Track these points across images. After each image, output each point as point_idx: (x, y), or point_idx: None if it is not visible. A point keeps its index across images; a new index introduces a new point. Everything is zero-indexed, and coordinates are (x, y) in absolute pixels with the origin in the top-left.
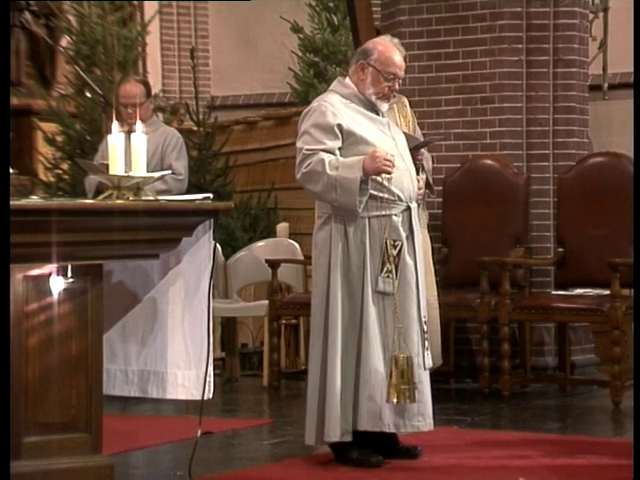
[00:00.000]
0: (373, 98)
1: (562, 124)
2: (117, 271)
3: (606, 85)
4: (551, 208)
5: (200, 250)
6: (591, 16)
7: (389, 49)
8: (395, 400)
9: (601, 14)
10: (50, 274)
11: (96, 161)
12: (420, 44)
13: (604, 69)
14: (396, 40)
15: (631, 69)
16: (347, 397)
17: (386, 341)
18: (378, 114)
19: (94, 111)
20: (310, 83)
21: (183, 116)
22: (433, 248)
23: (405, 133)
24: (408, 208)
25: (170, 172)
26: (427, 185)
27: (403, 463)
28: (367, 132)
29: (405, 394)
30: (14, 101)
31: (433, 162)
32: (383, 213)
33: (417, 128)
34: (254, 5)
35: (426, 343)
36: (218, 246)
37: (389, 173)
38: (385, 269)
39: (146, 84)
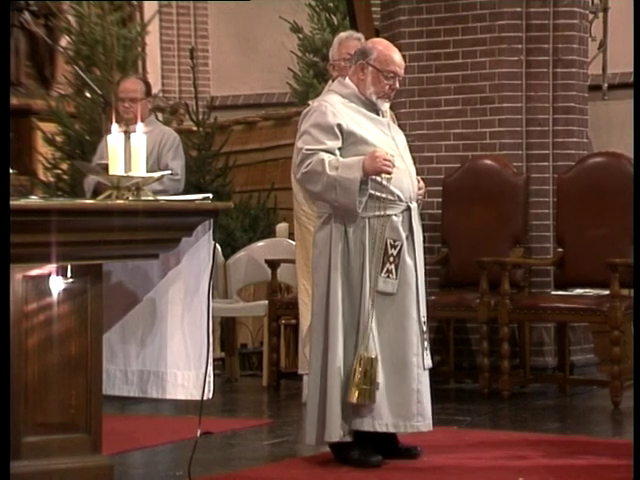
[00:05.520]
0: (374, 97)
1: (562, 124)
2: (117, 271)
3: (606, 85)
4: (551, 208)
5: (200, 250)
6: (591, 16)
7: (388, 48)
8: (355, 400)
9: (601, 14)
10: (50, 274)
11: (94, 162)
12: (420, 44)
13: (604, 69)
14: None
15: (631, 69)
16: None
17: (383, 341)
18: (378, 114)
19: (93, 111)
20: (310, 83)
21: (183, 116)
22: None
23: None
24: (408, 208)
25: (169, 172)
26: None
27: (403, 463)
28: (367, 132)
29: (366, 394)
30: (14, 101)
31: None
32: (383, 213)
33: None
34: (254, 5)
35: (425, 343)
36: (218, 246)
37: (389, 173)
38: (385, 269)
39: (147, 83)
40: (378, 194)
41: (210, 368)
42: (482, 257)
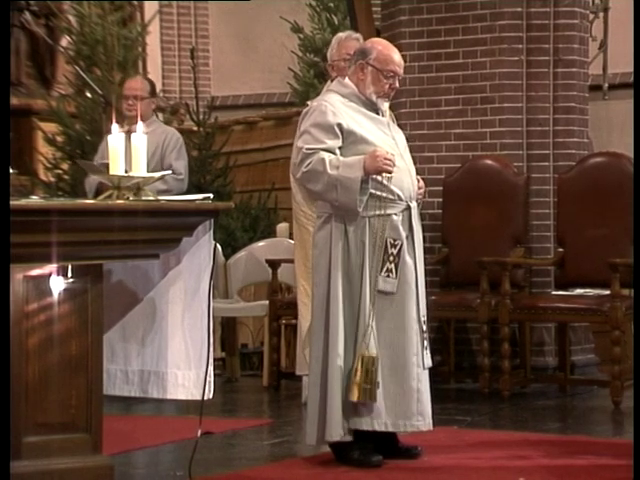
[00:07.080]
0: (374, 97)
1: (562, 124)
2: (117, 271)
3: (606, 85)
4: (551, 208)
5: (200, 250)
6: (591, 16)
7: (388, 48)
8: (355, 399)
9: (601, 14)
10: (50, 274)
11: (95, 162)
12: (420, 44)
13: (604, 69)
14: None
15: (631, 69)
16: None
17: (382, 340)
18: (378, 113)
19: (94, 111)
20: (310, 83)
21: (183, 116)
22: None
23: None
24: (408, 207)
25: (170, 172)
26: None
27: (403, 463)
28: (367, 131)
29: (367, 393)
30: (14, 101)
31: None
32: (383, 212)
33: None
34: (254, 5)
35: (425, 342)
36: (218, 246)
37: (390, 172)
38: (385, 268)
39: (152, 83)
40: (378, 193)
41: (211, 368)
42: (482, 257)
